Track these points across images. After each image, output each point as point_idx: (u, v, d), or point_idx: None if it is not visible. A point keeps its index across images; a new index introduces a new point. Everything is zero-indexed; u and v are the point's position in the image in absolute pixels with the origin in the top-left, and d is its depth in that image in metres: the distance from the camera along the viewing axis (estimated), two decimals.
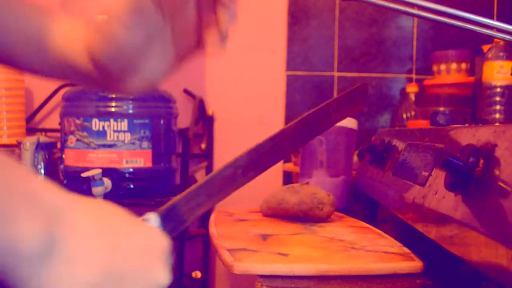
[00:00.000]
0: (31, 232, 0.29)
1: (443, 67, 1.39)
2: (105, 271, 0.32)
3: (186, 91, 1.60)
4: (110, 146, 1.11)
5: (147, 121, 1.14)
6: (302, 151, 1.11)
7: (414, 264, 0.56)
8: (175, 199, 0.45)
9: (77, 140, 1.14)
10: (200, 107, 1.54)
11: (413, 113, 1.41)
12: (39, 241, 0.29)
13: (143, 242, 0.36)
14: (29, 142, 1.25)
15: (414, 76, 1.58)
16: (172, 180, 1.22)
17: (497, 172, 0.39)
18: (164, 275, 0.36)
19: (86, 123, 1.11)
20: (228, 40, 0.48)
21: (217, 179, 0.49)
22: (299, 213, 0.79)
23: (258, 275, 0.54)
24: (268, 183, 1.07)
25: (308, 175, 1.04)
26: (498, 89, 1.06)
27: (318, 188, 0.81)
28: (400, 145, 0.75)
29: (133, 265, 0.34)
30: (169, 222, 0.42)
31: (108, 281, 0.31)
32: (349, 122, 1.06)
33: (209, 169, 1.57)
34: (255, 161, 0.52)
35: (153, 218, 0.42)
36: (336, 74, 1.60)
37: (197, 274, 1.49)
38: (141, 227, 0.38)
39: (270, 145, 0.54)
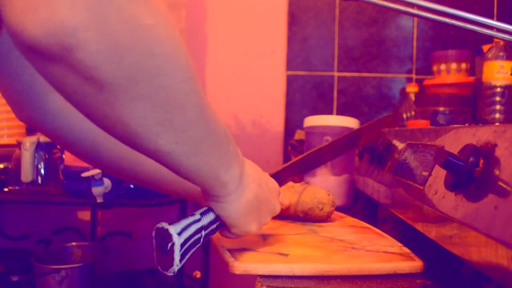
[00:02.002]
0: (237, 173, 0.52)
1: (443, 67, 1.39)
2: (256, 196, 0.55)
3: None
4: None
5: None
6: (306, 151, 1.11)
7: (414, 264, 0.56)
8: (279, 168, 0.78)
9: None
10: None
11: (413, 113, 1.41)
12: (238, 178, 0.52)
13: (270, 185, 0.61)
14: (29, 142, 1.25)
15: (414, 76, 1.58)
16: None
17: (497, 172, 0.39)
18: (278, 206, 0.62)
19: None
20: None
21: (299, 162, 0.81)
22: (299, 213, 0.79)
23: (258, 275, 0.54)
24: None
25: (312, 174, 1.04)
26: (498, 89, 1.06)
27: (319, 188, 0.81)
28: (400, 145, 0.75)
29: (267, 196, 0.59)
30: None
31: (254, 201, 0.55)
32: (352, 122, 1.06)
33: None
34: (316, 158, 0.83)
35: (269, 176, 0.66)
36: (336, 74, 1.60)
37: (197, 274, 1.49)
38: (269, 177, 0.62)
39: (329, 148, 0.84)
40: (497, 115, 1.06)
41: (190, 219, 0.52)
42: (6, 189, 1.30)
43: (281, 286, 0.52)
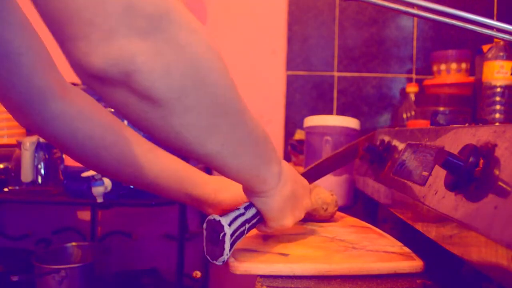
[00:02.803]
0: (276, 170, 0.57)
1: (443, 67, 1.39)
2: (293, 192, 0.60)
3: None
4: None
5: None
6: (306, 151, 1.11)
7: (414, 264, 0.56)
8: (303, 172, 0.80)
9: None
10: None
11: (413, 113, 1.41)
12: (277, 174, 0.57)
13: (304, 183, 0.65)
14: (29, 142, 1.25)
15: (414, 76, 1.58)
16: None
17: (497, 172, 0.40)
18: (310, 202, 0.67)
19: None
20: None
21: (314, 168, 0.82)
22: None
23: (258, 275, 0.54)
24: None
25: None
26: (498, 89, 1.06)
27: (321, 188, 0.81)
28: (400, 145, 0.75)
29: (302, 192, 0.63)
30: None
31: (291, 196, 0.60)
32: (352, 122, 1.06)
33: (209, 170, 1.57)
34: (319, 170, 0.84)
35: None
36: (336, 74, 1.60)
37: (197, 274, 1.49)
38: (301, 176, 0.66)
39: (332, 159, 0.86)
40: (497, 115, 1.06)
41: (236, 212, 0.57)
42: (6, 189, 1.30)
43: (281, 286, 0.52)
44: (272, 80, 1.62)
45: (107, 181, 1.15)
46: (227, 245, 0.54)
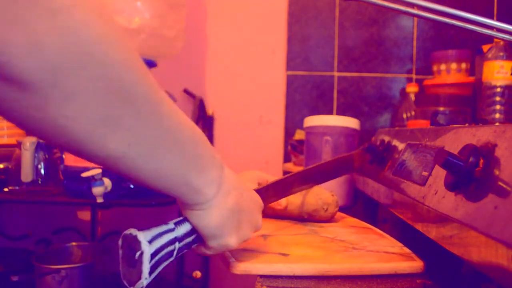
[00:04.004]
0: (214, 177, 0.47)
1: (443, 67, 1.39)
2: (237, 205, 0.50)
3: (186, 91, 1.60)
4: None
5: None
6: (306, 152, 1.11)
7: (414, 264, 0.56)
8: (261, 187, 0.66)
9: None
10: (200, 107, 1.54)
11: (413, 113, 1.41)
12: (216, 183, 0.47)
13: (254, 197, 0.56)
14: (29, 142, 1.25)
15: (414, 76, 1.58)
16: None
17: (497, 172, 0.40)
18: (261, 221, 0.56)
19: None
20: None
21: (286, 180, 0.70)
22: (304, 214, 0.79)
23: (258, 275, 0.54)
24: None
25: None
26: (498, 89, 1.06)
27: (322, 188, 0.81)
28: (400, 145, 0.75)
29: (250, 207, 0.54)
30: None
31: (236, 210, 0.50)
32: (352, 122, 1.06)
33: None
34: (305, 178, 0.73)
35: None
36: (336, 74, 1.60)
37: (197, 274, 1.49)
38: (252, 190, 0.58)
39: (317, 169, 0.75)
40: (497, 115, 1.06)
41: (163, 227, 0.47)
42: (6, 189, 1.30)
43: (281, 286, 0.52)
44: (272, 80, 1.62)
45: (107, 181, 1.15)
46: (145, 267, 0.43)
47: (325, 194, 0.79)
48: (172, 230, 0.48)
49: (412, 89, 1.45)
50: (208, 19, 1.64)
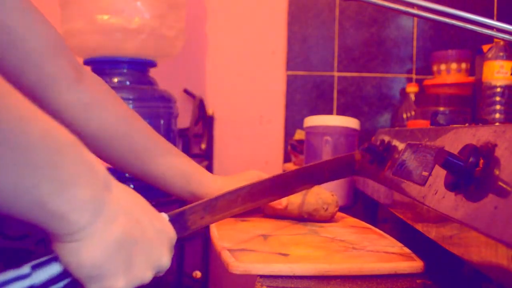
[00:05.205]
0: (88, 197, 0.35)
1: (443, 67, 1.39)
2: (126, 234, 0.38)
3: (186, 91, 1.60)
4: None
5: (147, 121, 1.15)
6: (306, 152, 1.11)
7: (414, 264, 0.56)
8: (184, 208, 0.53)
9: None
10: (200, 107, 1.54)
11: (413, 113, 1.41)
12: (91, 205, 0.35)
13: (158, 226, 0.43)
14: None
15: (414, 76, 1.58)
16: None
17: (497, 172, 0.40)
18: (166, 259, 0.44)
19: None
20: None
21: (221, 200, 0.57)
22: (304, 214, 0.79)
23: (258, 275, 0.54)
24: None
25: None
26: (498, 89, 1.06)
27: (322, 188, 0.81)
28: (400, 145, 0.75)
29: (148, 237, 0.41)
30: (174, 225, 0.48)
31: (126, 242, 0.38)
32: (352, 122, 1.06)
33: (209, 169, 1.57)
34: (252, 194, 0.61)
35: (165, 217, 0.49)
36: (336, 74, 1.60)
37: (197, 274, 1.49)
38: (158, 216, 0.45)
39: (269, 184, 0.64)
40: (497, 115, 1.06)
41: (8, 274, 0.35)
42: None
43: (281, 286, 0.52)
44: (272, 80, 1.62)
45: None
46: None
47: (325, 194, 0.79)
48: (24, 276, 0.35)
49: (412, 89, 1.45)
50: (208, 19, 1.64)
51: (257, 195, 0.62)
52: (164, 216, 0.49)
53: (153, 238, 0.42)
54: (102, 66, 1.26)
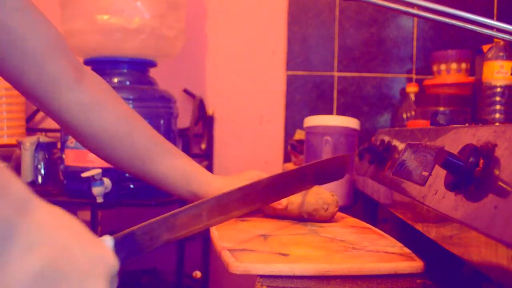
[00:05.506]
0: None
1: (443, 67, 1.39)
2: (50, 266, 0.32)
3: (186, 91, 1.60)
4: None
5: (147, 121, 1.15)
6: (306, 152, 1.11)
7: (414, 264, 0.56)
8: (134, 227, 0.46)
9: None
10: (200, 107, 1.54)
11: (413, 113, 1.41)
12: (2, 232, 0.29)
13: (92, 253, 0.35)
14: (29, 142, 1.25)
15: (414, 76, 1.58)
16: None
17: (497, 172, 0.40)
18: None
19: None
20: None
21: (181, 216, 0.51)
22: (304, 214, 0.79)
23: (258, 275, 0.54)
24: None
25: None
26: (498, 89, 1.06)
27: (322, 188, 0.81)
28: (400, 145, 0.75)
29: (76, 268, 0.33)
30: (123, 249, 0.43)
31: (50, 276, 0.32)
32: (352, 122, 1.06)
33: (209, 169, 1.57)
34: (222, 207, 0.56)
35: (107, 241, 0.42)
36: (336, 74, 1.60)
37: (197, 274, 1.49)
38: (94, 241, 0.37)
39: (239, 195, 0.58)
40: (497, 115, 1.06)
41: None
42: None
43: (281, 286, 0.52)
44: (272, 80, 1.62)
45: (107, 181, 1.15)
46: None
47: (325, 194, 0.79)
48: None
49: (412, 89, 1.45)
50: (208, 19, 1.64)
51: (226, 207, 0.57)
52: (106, 239, 0.42)
53: (85, 268, 0.34)
54: (102, 66, 1.26)
